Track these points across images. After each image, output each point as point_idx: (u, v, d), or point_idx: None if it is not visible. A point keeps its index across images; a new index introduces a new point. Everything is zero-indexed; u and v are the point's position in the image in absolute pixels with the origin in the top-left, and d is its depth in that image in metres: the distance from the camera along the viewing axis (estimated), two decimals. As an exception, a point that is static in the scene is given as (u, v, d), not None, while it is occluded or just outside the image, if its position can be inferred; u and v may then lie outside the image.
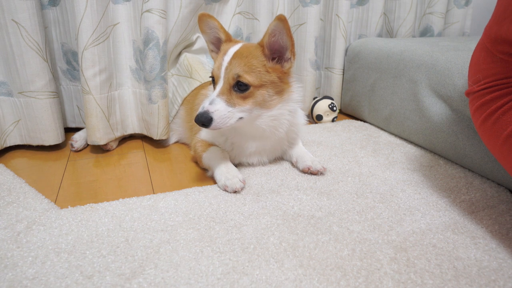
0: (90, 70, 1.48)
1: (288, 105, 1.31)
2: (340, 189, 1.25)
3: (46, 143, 1.58)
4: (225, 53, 1.23)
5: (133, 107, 1.68)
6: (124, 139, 1.78)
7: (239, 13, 1.89)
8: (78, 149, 1.64)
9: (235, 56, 1.20)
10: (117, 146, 1.70)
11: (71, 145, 1.62)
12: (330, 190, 1.24)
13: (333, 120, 2.00)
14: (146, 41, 1.52)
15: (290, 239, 0.98)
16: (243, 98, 1.20)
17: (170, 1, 1.62)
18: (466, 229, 1.04)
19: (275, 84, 1.24)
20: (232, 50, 1.23)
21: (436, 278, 0.85)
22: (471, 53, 1.22)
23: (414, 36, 2.33)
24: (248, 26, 1.90)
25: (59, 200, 1.22)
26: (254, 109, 1.23)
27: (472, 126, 1.34)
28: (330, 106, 1.96)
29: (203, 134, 1.44)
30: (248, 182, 1.30)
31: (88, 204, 1.15)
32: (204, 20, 1.30)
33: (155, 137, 1.64)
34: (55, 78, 1.62)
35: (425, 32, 2.32)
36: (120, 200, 1.17)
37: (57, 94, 1.57)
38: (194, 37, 1.81)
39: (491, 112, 0.96)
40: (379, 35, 2.23)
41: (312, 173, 1.36)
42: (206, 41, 1.37)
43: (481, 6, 2.61)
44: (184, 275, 0.85)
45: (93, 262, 0.89)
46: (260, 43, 1.22)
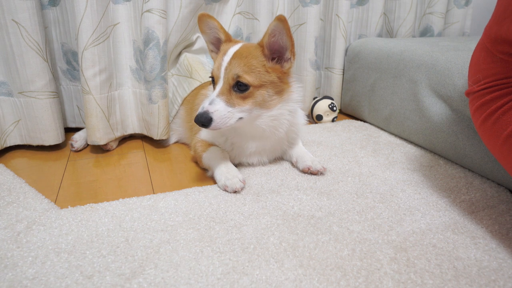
0: (90, 70, 1.48)
1: (288, 105, 1.31)
2: (340, 189, 1.25)
3: (46, 143, 1.58)
4: (225, 53, 1.23)
5: (133, 107, 1.68)
6: (124, 139, 1.78)
7: (239, 13, 1.89)
8: (78, 149, 1.64)
9: (235, 56, 1.20)
10: (117, 146, 1.70)
11: (71, 145, 1.62)
12: (330, 190, 1.24)
13: (333, 120, 2.00)
14: (146, 41, 1.52)
15: (290, 239, 0.98)
16: (243, 98, 1.20)
17: (170, 1, 1.63)
18: (466, 229, 1.04)
19: (275, 84, 1.24)
20: (232, 50, 1.23)
21: (436, 278, 0.85)
22: (471, 53, 1.22)
23: (414, 36, 2.33)
24: (248, 26, 1.90)
25: (59, 200, 1.22)
26: (254, 109, 1.23)
27: (472, 126, 1.34)
28: (330, 106, 1.96)
29: (203, 134, 1.44)
30: (248, 182, 1.30)
31: (88, 204, 1.15)
32: (204, 20, 1.30)
33: (155, 137, 1.64)
34: (55, 78, 1.62)
35: (425, 32, 2.32)
36: (120, 200, 1.17)
37: (57, 94, 1.58)
38: (194, 37, 1.81)
39: (491, 112, 0.96)
40: (379, 35, 2.23)
41: (312, 173, 1.36)
42: (206, 41, 1.37)
43: (481, 6, 2.61)
44: (184, 275, 0.85)
45: (93, 262, 0.89)
46: (260, 43, 1.22)
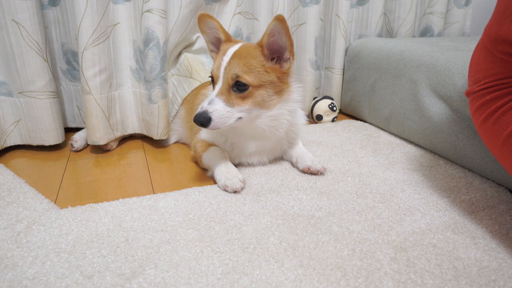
0: (90, 70, 1.48)
1: (288, 105, 1.30)
2: (340, 189, 1.25)
3: (46, 143, 1.58)
4: (225, 53, 1.23)
5: (133, 107, 1.68)
6: (124, 139, 1.78)
7: (239, 13, 1.89)
8: (78, 149, 1.64)
9: (234, 56, 1.20)
10: (117, 146, 1.70)
11: (71, 145, 1.62)
12: (330, 190, 1.24)
13: (333, 120, 2.00)
14: (146, 41, 1.52)
15: (290, 239, 0.98)
16: (242, 98, 1.20)
17: (170, 1, 1.63)
18: (466, 229, 1.04)
19: (274, 84, 1.24)
20: (231, 50, 1.23)
21: (436, 278, 0.85)
22: (471, 53, 1.22)
23: (414, 36, 2.33)
24: (248, 26, 1.90)
25: (59, 200, 1.22)
26: (253, 109, 1.23)
27: (472, 126, 1.34)
28: (330, 106, 1.96)
29: (203, 134, 1.44)
30: (248, 182, 1.30)
31: (88, 204, 1.15)
32: (204, 20, 1.30)
33: (155, 137, 1.64)
34: (55, 78, 1.62)
35: (425, 32, 2.32)
36: (120, 200, 1.17)
37: (57, 94, 1.58)
38: (194, 37, 1.81)
39: (491, 112, 0.96)
40: (379, 35, 2.23)
41: (312, 173, 1.36)
42: (206, 41, 1.37)
43: (481, 6, 2.61)
44: (184, 275, 0.85)
45: (93, 262, 0.89)
46: (260, 43, 1.21)
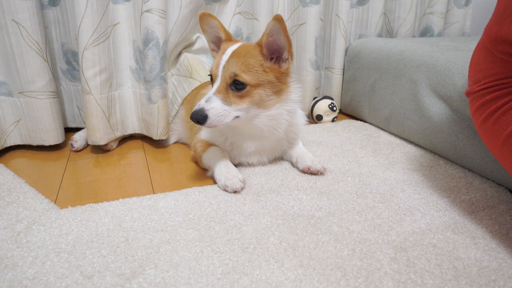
0: (90, 70, 1.48)
1: (287, 105, 1.30)
2: (340, 189, 1.25)
3: (46, 143, 1.58)
4: (224, 52, 1.23)
5: (133, 107, 1.68)
6: (124, 139, 1.78)
7: (239, 13, 1.89)
8: (78, 149, 1.64)
9: (233, 55, 1.21)
10: (117, 146, 1.70)
11: (71, 145, 1.62)
12: (330, 190, 1.24)
13: (333, 120, 2.00)
14: (146, 41, 1.52)
15: (290, 239, 0.98)
16: (240, 97, 1.20)
17: (170, 1, 1.63)
18: (466, 229, 1.04)
19: (273, 84, 1.24)
20: (231, 49, 1.23)
21: (436, 278, 0.85)
22: (471, 53, 1.22)
23: (414, 36, 2.33)
24: (248, 26, 1.90)
25: (59, 200, 1.22)
26: (251, 109, 1.23)
27: (472, 126, 1.34)
28: (330, 106, 1.96)
29: (203, 134, 1.44)
30: (248, 182, 1.30)
31: (88, 204, 1.15)
32: (205, 19, 1.31)
33: (155, 137, 1.64)
34: (55, 78, 1.62)
35: (425, 32, 2.32)
36: (120, 200, 1.17)
37: (57, 94, 1.58)
38: (194, 37, 1.81)
39: (491, 112, 0.96)
40: (379, 35, 2.23)
41: (312, 173, 1.36)
42: (207, 40, 1.38)
43: (481, 6, 2.61)
44: (184, 275, 0.85)
45: (93, 262, 0.89)
46: (259, 43, 1.22)
